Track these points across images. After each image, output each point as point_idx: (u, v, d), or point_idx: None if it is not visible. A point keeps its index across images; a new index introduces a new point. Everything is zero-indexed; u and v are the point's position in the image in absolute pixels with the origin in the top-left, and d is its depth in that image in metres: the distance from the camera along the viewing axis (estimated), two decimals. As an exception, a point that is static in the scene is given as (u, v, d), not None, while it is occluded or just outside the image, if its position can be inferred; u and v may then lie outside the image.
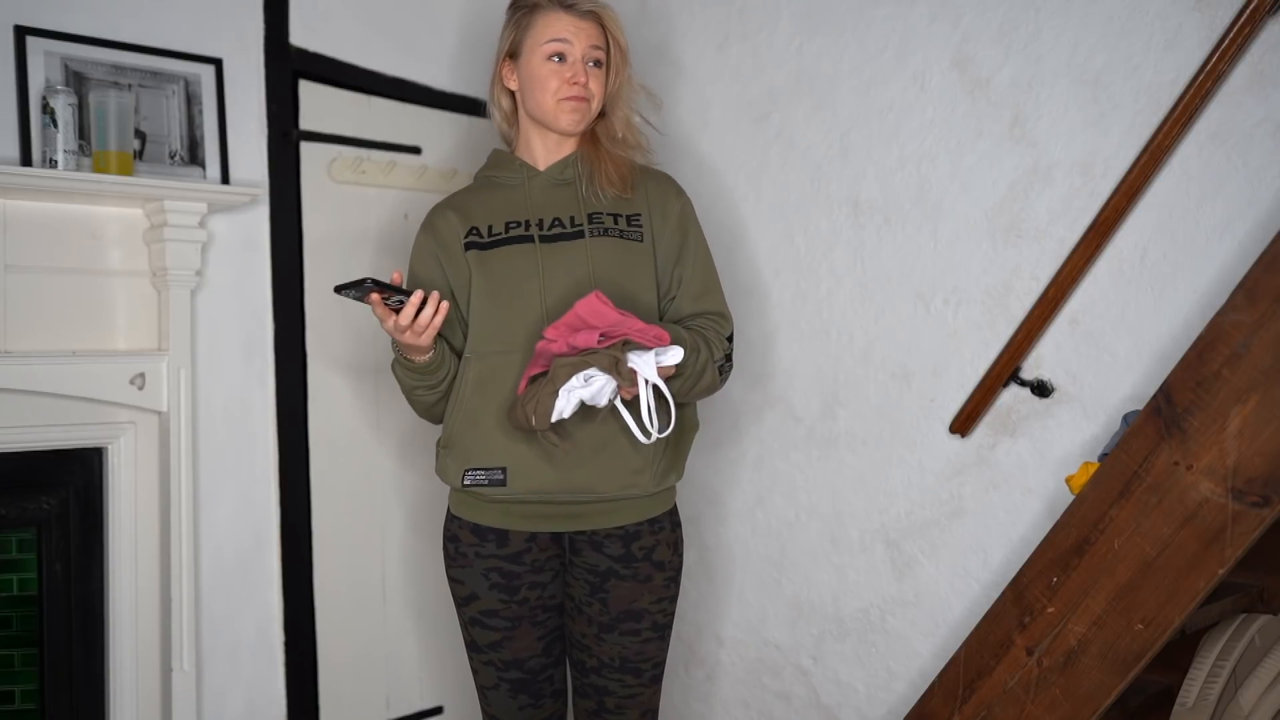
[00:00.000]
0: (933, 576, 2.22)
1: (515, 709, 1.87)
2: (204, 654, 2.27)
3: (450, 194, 1.97)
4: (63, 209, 2.08)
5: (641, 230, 1.85)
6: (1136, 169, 1.89)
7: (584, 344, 1.64)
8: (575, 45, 1.82)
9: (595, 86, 1.84)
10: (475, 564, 1.82)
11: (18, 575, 2.11)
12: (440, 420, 1.90)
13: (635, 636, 1.83)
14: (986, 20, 2.11)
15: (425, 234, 1.90)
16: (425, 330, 1.69)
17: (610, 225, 1.82)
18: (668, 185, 1.92)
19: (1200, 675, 1.95)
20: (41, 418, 2.06)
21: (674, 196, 1.90)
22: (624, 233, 1.82)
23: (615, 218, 1.83)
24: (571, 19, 1.82)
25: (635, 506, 1.82)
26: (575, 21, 1.82)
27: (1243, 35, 1.77)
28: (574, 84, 1.81)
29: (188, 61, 2.23)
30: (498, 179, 1.91)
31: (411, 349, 1.75)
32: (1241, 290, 1.55)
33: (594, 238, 1.81)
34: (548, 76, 1.82)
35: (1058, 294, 2.00)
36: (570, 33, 1.81)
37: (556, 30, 1.82)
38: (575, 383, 1.61)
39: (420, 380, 1.82)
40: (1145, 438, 1.62)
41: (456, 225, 1.86)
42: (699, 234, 1.91)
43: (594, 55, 1.83)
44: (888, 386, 2.28)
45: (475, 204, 1.89)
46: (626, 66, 1.88)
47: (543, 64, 1.83)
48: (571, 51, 1.82)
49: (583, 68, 1.82)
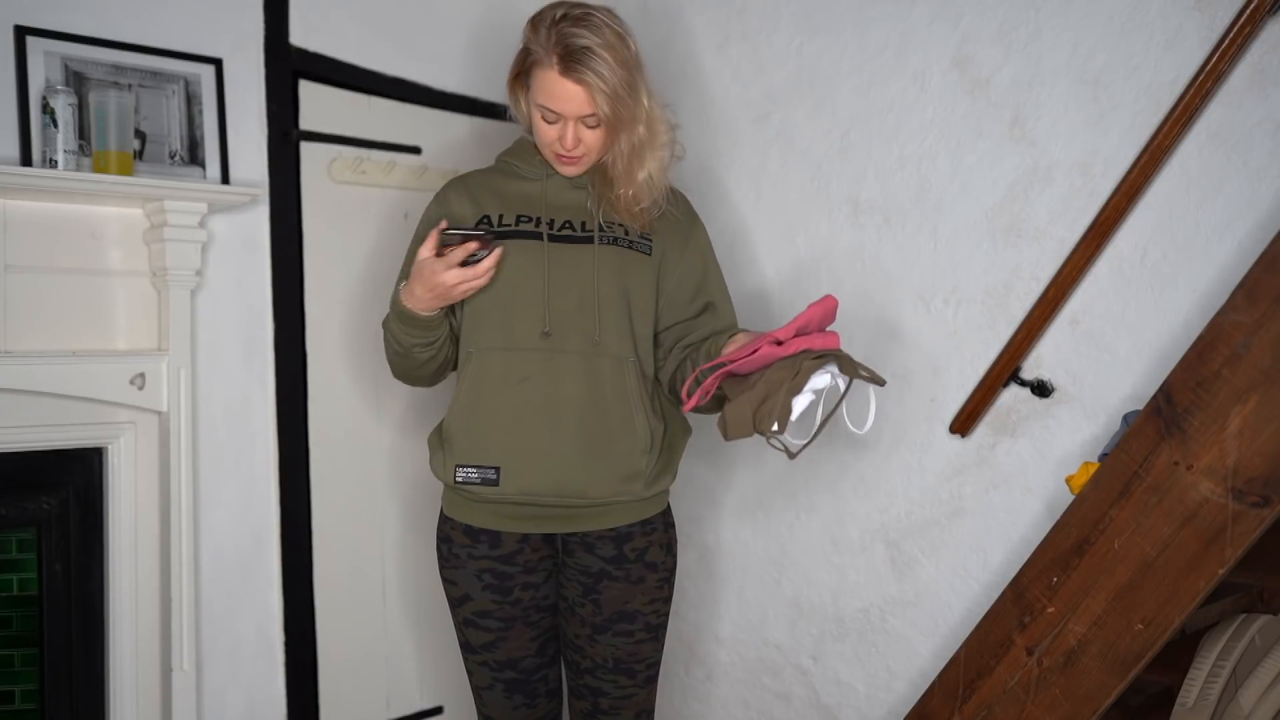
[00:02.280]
0: (933, 576, 2.22)
1: (510, 709, 1.88)
2: (204, 654, 2.27)
3: (468, 173, 1.95)
4: (63, 209, 2.08)
5: (650, 245, 1.85)
6: (1136, 169, 1.89)
7: (829, 344, 1.57)
8: (565, 111, 1.74)
9: (592, 140, 1.77)
10: (468, 565, 1.82)
11: (18, 575, 2.11)
12: (424, 384, 1.90)
13: (628, 638, 1.83)
14: (986, 20, 2.11)
15: (438, 207, 1.88)
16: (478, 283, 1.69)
17: (620, 235, 1.82)
18: (686, 212, 1.93)
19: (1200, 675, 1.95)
20: (41, 418, 2.06)
21: (692, 223, 1.92)
22: (633, 244, 1.83)
23: (627, 229, 1.83)
24: (564, 83, 1.71)
25: (628, 508, 1.82)
26: (567, 87, 1.71)
27: (1243, 35, 1.77)
28: (563, 143, 1.76)
29: (188, 61, 2.23)
30: (517, 169, 1.88)
31: (433, 302, 1.73)
32: (1241, 290, 1.55)
33: (602, 245, 1.80)
34: (543, 130, 1.78)
35: (1058, 294, 2.00)
36: (559, 101, 1.72)
37: (547, 94, 1.73)
38: (818, 382, 1.55)
39: (422, 336, 1.78)
40: (1145, 438, 1.62)
41: (469, 209, 1.85)
42: (714, 259, 1.94)
43: (589, 119, 1.75)
44: (888, 386, 2.28)
45: (490, 191, 1.87)
46: (634, 123, 1.77)
47: (538, 119, 1.78)
48: (561, 116, 1.75)
49: (574, 129, 1.75)
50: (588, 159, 1.81)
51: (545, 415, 1.75)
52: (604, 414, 1.76)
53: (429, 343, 1.79)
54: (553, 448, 1.75)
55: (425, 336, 1.78)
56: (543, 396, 1.75)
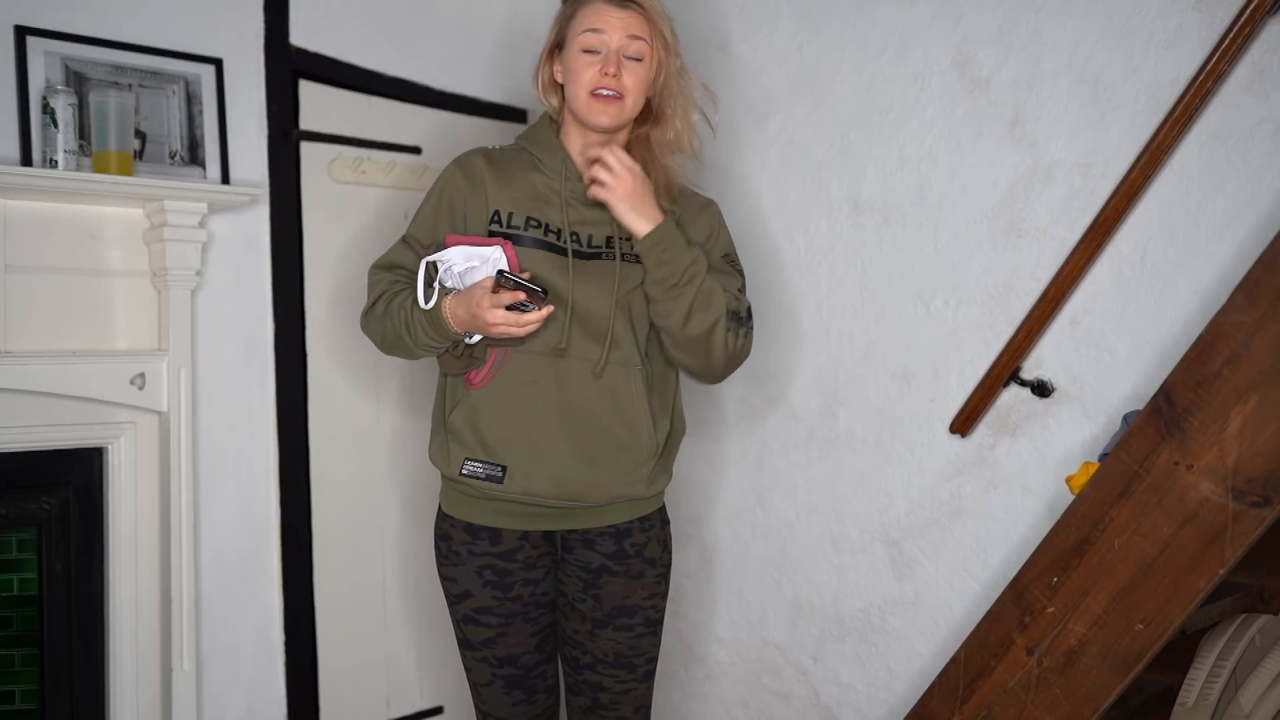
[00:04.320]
0: (933, 576, 2.22)
1: (509, 705, 1.88)
2: (204, 654, 2.27)
3: (493, 150, 1.89)
4: (63, 209, 2.08)
5: None
6: (1137, 169, 1.89)
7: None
8: (610, 36, 1.74)
9: (631, 81, 1.75)
10: (468, 562, 1.82)
11: (18, 575, 2.11)
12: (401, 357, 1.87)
13: (628, 632, 1.84)
14: (986, 20, 2.11)
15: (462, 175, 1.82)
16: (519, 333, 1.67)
17: (630, 250, 1.79)
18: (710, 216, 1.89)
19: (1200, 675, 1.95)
20: (41, 418, 2.06)
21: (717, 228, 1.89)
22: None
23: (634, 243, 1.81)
24: (611, 9, 1.74)
25: (627, 506, 1.82)
26: (614, 11, 1.74)
27: (1243, 35, 1.77)
28: (604, 74, 1.73)
29: (188, 61, 2.23)
30: (537, 159, 1.84)
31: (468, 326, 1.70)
32: (1242, 290, 1.54)
33: (623, 262, 1.78)
34: (581, 69, 1.75)
35: (1058, 294, 2.00)
36: (605, 23, 1.73)
37: (593, 20, 1.74)
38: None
39: (438, 342, 1.75)
40: (1145, 438, 1.62)
41: (489, 188, 1.80)
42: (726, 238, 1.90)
43: (631, 47, 1.75)
44: (888, 386, 2.28)
45: (504, 179, 1.82)
46: (674, 59, 1.79)
47: (578, 55, 1.76)
48: (606, 42, 1.74)
49: (616, 59, 1.74)
50: (623, 105, 1.76)
51: (552, 419, 1.75)
52: (610, 422, 1.76)
53: (438, 348, 1.79)
54: (558, 452, 1.75)
55: (441, 344, 1.77)
56: (550, 401, 1.75)
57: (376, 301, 1.81)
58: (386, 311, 1.79)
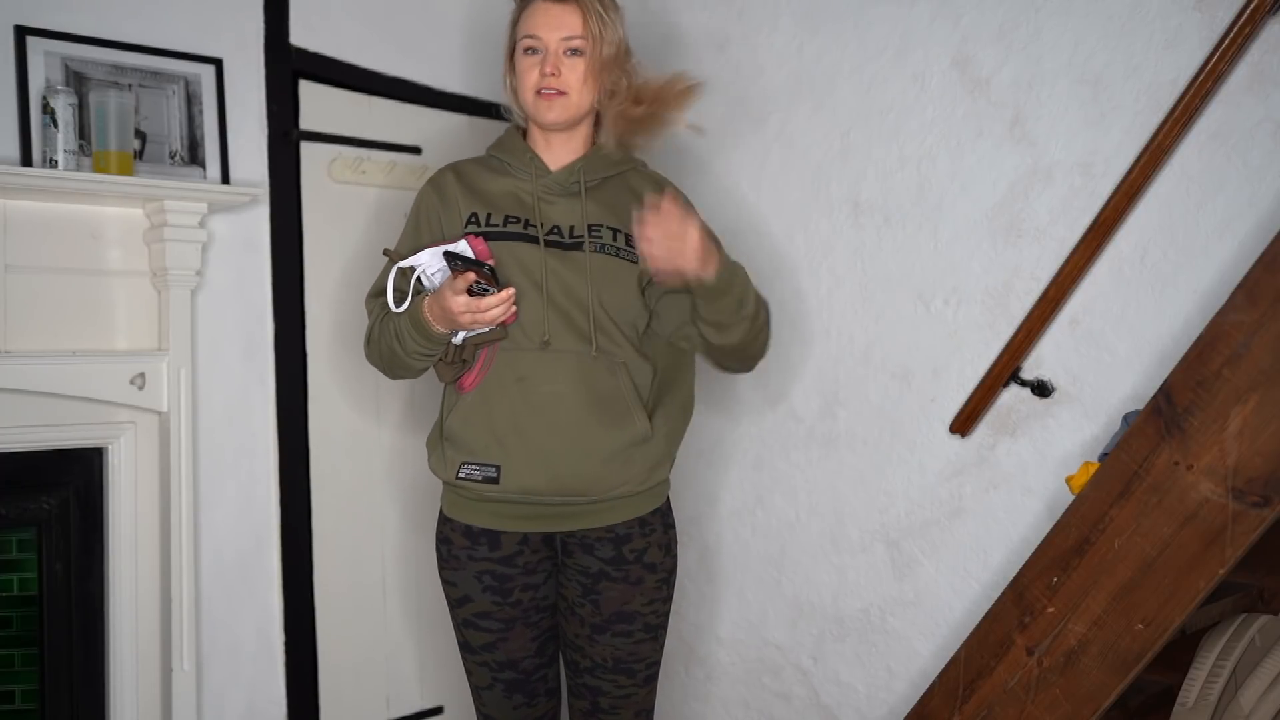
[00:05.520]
0: (933, 576, 2.22)
1: (510, 709, 1.88)
2: (204, 654, 2.27)
3: (460, 162, 1.93)
4: (63, 209, 2.08)
5: (635, 252, 1.82)
6: (1137, 169, 1.89)
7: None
8: (548, 35, 1.76)
9: (572, 77, 1.77)
10: (467, 566, 1.82)
11: (18, 575, 2.11)
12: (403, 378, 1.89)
13: (627, 638, 1.84)
14: (986, 20, 2.11)
15: (434, 193, 1.86)
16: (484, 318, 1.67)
17: (609, 241, 1.81)
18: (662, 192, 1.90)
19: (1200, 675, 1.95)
20: (41, 418, 2.06)
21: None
22: (620, 251, 1.82)
23: (615, 233, 1.82)
24: (548, 6, 1.76)
25: (627, 504, 1.82)
26: (550, 9, 1.76)
27: (1243, 35, 1.77)
28: (544, 74, 1.76)
29: (188, 61, 2.23)
30: (507, 165, 1.87)
31: (444, 323, 1.70)
32: (1242, 290, 1.55)
33: (593, 252, 1.80)
34: (526, 70, 1.79)
35: (1058, 294, 2.00)
36: (543, 22, 1.76)
37: (531, 21, 1.78)
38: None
39: (430, 348, 1.76)
40: (1145, 438, 1.62)
41: (460, 199, 1.83)
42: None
43: (570, 45, 1.77)
44: (888, 386, 2.28)
45: (478, 185, 1.85)
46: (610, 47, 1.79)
47: (522, 57, 1.80)
48: (544, 43, 1.77)
49: (555, 58, 1.76)
50: (568, 100, 1.79)
51: (542, 414, 1.75)
52: (599, 412, 1.76)
53: (430, 354, 1.78)
54: (550, 446, 1.75)
55: (429, 348, 1.76)
56: (539, 395, 1.75)
57: (372, 328, 1.85)
58: (381, 333, 1.82)
